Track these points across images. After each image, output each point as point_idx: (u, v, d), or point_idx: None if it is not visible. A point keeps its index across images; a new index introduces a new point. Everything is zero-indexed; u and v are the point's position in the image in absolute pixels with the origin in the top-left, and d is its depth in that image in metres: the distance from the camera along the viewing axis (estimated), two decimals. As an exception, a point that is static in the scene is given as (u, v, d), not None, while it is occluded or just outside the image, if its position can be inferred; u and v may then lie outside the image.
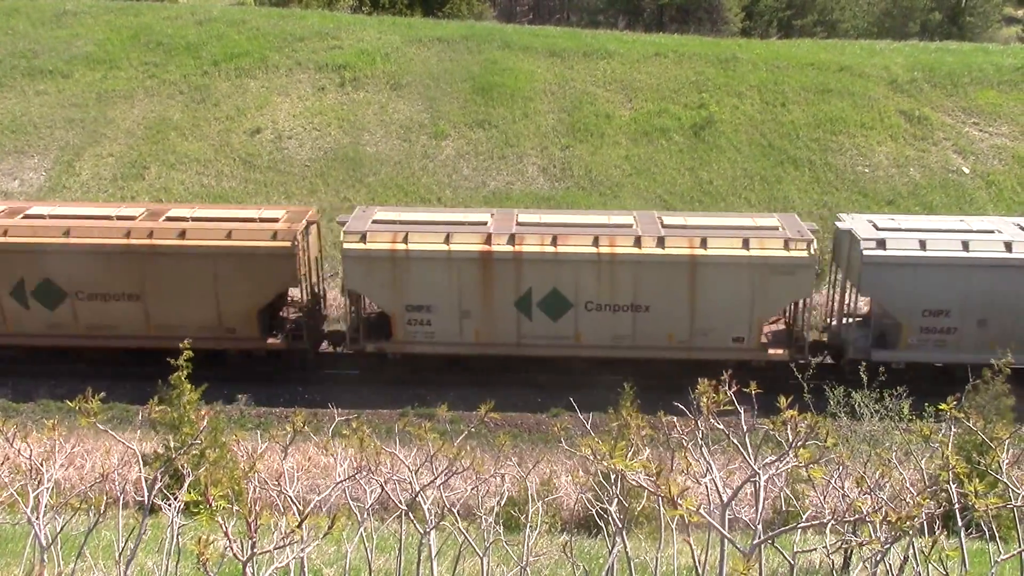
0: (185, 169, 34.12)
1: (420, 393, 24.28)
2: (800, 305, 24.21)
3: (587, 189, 33.25)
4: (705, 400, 5.94)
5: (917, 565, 7.50)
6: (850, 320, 24.51)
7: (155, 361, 18.81)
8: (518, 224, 23.84)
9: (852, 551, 11.65)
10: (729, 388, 6.06)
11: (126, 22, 41.48)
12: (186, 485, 6.79)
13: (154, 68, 38.49)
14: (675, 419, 8.88)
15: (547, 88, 37.33)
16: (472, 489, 9.78)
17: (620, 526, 7.79)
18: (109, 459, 19.55)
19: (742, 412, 6.43)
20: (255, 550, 5.36)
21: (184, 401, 15.85)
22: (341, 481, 7.66)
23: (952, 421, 7.92)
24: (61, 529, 7.84)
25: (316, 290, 25.72)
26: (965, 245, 22.72)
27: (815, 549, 10.44)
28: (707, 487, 6.63)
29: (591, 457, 7.27)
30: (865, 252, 22.66)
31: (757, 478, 5.66)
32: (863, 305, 24.77)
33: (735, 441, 5.91)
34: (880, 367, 19.53)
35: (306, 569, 7.43)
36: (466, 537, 8.13)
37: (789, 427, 5.53)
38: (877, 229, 23.42)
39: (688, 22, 54.58)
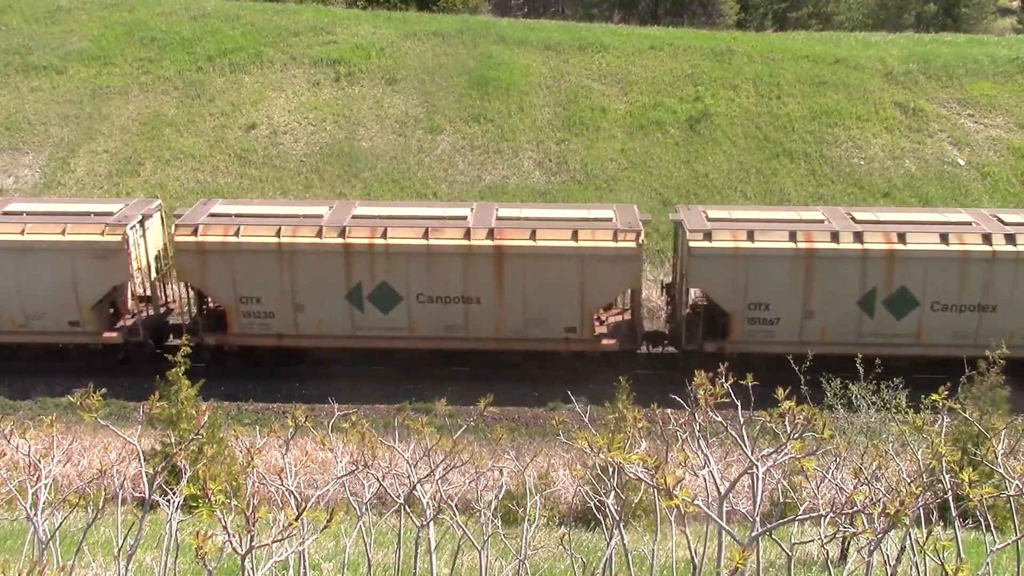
0: (180, 165, 34.08)
1: (417, 388, 24.30)
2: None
3: (583, 183, 33.25)
4: (703, 393, 5.96)
5: (914, 556, 7.54)
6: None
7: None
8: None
9: (849, 542, 11.70)
10: (725, 381, 6.08)
11: (120, 18, 41.38)
12: (184, 480, 6.80)
13: (148, 64, 38.41)
14: (670, 412, 8.91)
15: (542, 82, 37.31)
16: (470, 483, 9.81)
17: (618, 519, 7.82)
18: (107, 455, 19.58)
19: (739, 405, 6.45)
20: (253, 544, 5.38)
21: (182, 397, 15.87)
22: (341, 477, 7.68)
23: (946, 412, 7.95)
24: (60, 525, 7.85)
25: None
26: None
27: (812, 540, 10.49)
28: (705, 479, 6.66)
29: (589, 450, 7.29)
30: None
31: (754, 470, 5.69)
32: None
33: (732, 433, 5.94)
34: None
35: (305, 563, 7.45)
36: (464, 531, 8.16)
37: (787, 419, 5.55)
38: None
39: (683, 15, 54.58)
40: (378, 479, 8.31)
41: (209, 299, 24.74)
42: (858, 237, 22.79)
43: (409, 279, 23.32)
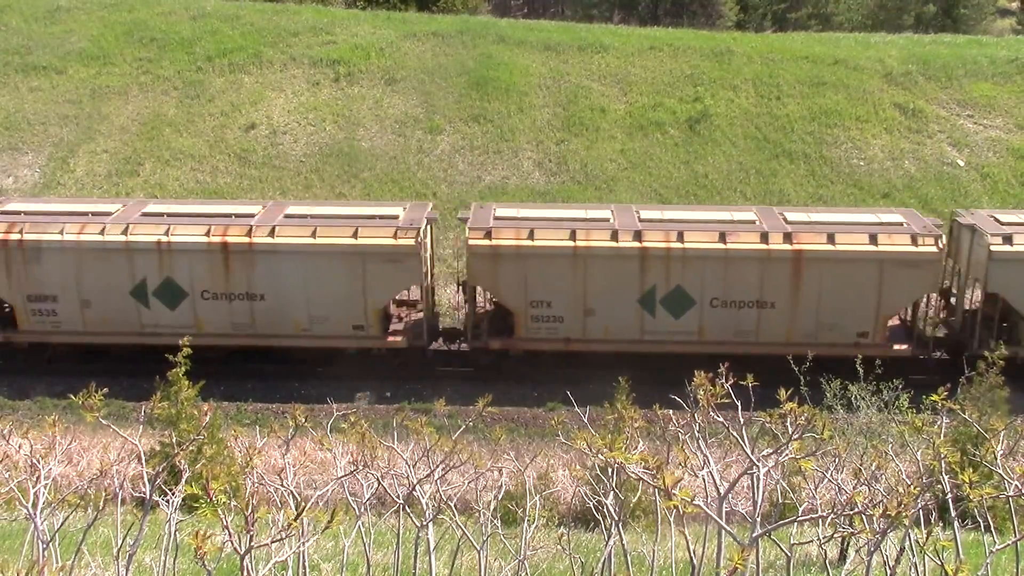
0: (180, 165, 34.08)
1: (416, 388, 24.30)
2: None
3: (583, 183, 33.27)
4: (703, 393, 5.96)
5: (913, 556, 7.54)
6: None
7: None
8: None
9: (848, 543, 11.71)
10: (726, 381, 6.08)
11: (120, 18, 41.38)
12: (184, 480, 6.80)
13: (148, 64, 38.40)
14: (670, 412, 8.91)
15: (542, 82, 37.32)
16: (470, 483, 9.81)
17: (617, 519, 7.83)
18: (107, 456, 19.58)
19: (739, 405, 6.45)
20: (253, 544, 5.38)
21: (182, 397, 15.88)
22: (340, 477, 7.68)
23: (945, 413, 7.95)
24: (60, 526, 7.85)
25: None
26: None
27: (812, 541, 10.49)
28: (704, 480, 6.66)
29: (588, 451, 7.30)
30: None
31: (755, 470, 5.69)
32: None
33: (733, 434, 5.94)
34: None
35: (304, 564, 7.45)
36: (464, 531, 8.16)
37: (788, 420, 5.55)
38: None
39: (682, 15, 54.59)
40: (378, 479, 8.31)
41: (485, 302, 24.67)
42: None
43: (704, 283, 23.10)
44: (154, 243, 23.09)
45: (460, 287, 25.72)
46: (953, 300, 25.20)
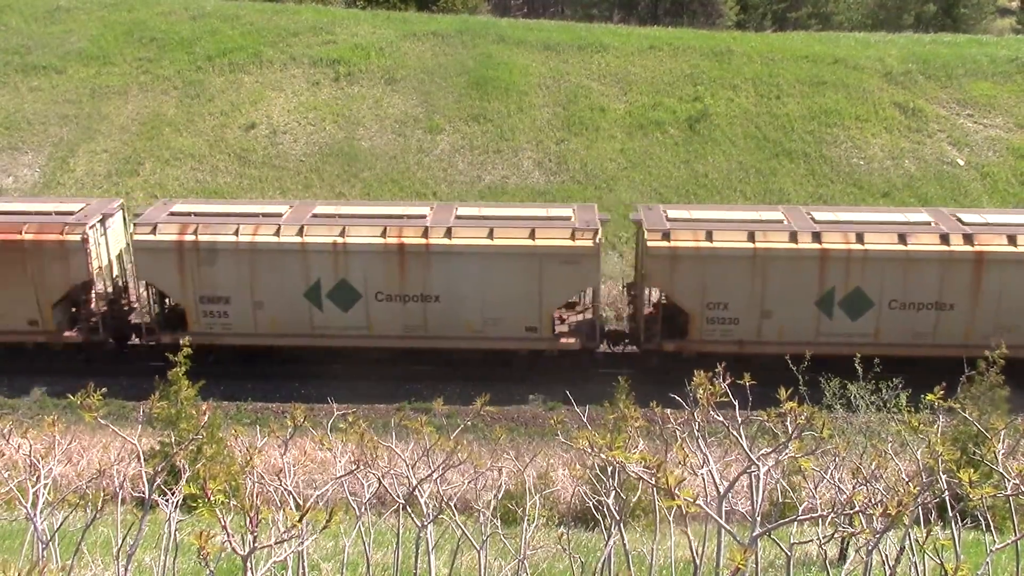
0: (180, 165, 34.07)
1: (416, 388, 24.30)
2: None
3: (582, 183, 33.26)
4: (702, 392, 5.96)
5: (913, 555, 7.54)
6: None
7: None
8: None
9: (848, 542, 11.70)
10: (724, 380, 6.08)
11: (119, 17, 41.38)
12: (183, 480, 6.80)
13: (148, 64, 38.40)
14: (669, 412, 8.91)
15: (542, 82, 37.32)
16: (469, 483, 9.82)
17: (617, 519, 7.82)
18: (107, 455, 19.57)
19: (736, 404, 6.45)
20: (256, 545, 5.38)
21: (182, 397, 15.88)
22: (340, 477, 7.68)
23: (944, 412, 7.95)
24: (60, 525, 7.85)
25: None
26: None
27: (811, 540, 10.48)
28: (704, 479, 6.66)
29: (588, 450, 7.29)
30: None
31: (754, 470, 5.69)
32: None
33: (734, 433, 5.94)
34: None
35: (304, 563, 7.45)
36: (464, 531, 8.16)
37: (788, 419, 5.55)
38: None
39: (682, 15, 54.56)
40: (378, 479, 8.31)
41: (649, 304, 24.53)
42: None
43: (884, 285, 22.93)
44: (330, 244, 22.99)
45: (627, 289, 25.70)
46: None
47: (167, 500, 7.20)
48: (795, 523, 6.82)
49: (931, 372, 17.14)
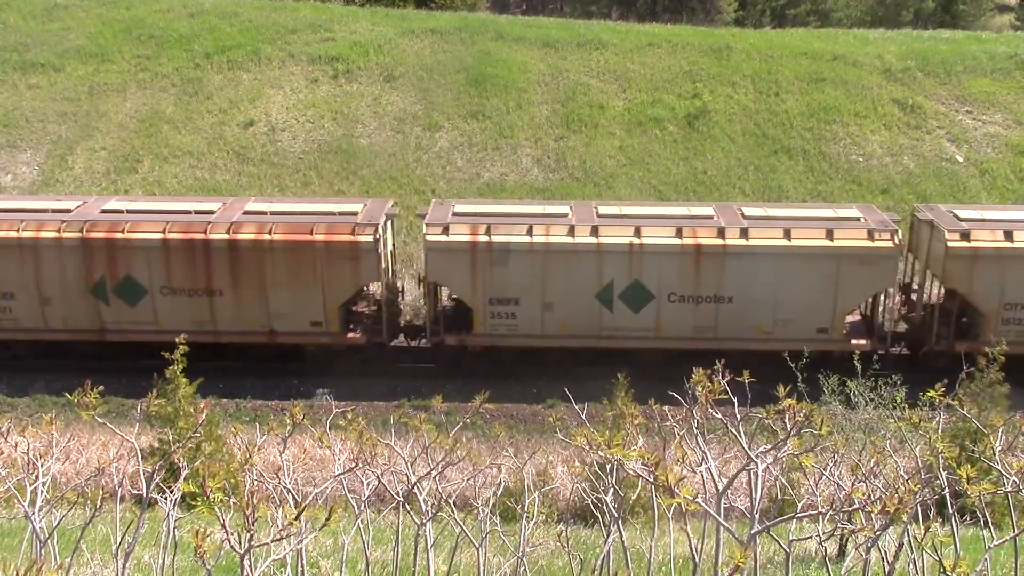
0: (178, 162, 34.04)
1: (415, 385, 24.30)
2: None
3: (581, 180, 33.24)
4: (701, 389, 5.96)
5: (912, 552, 7.55)
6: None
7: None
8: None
9: (847, 539, 11.71)
10: (723, 377, 6.08)
11: (118, 15, 41.33)
12: (182, 478, 6.80)
13: (146, 61, 38.36)
14: (667, 408, 8.91)
15: (541, 79, 37.29)
16: (468, 480, 9.81)
17: (616, 516, 7.82)
18: (105, 453, 19.57)
19: (736, 402, 6.45)
20: (253, 543, 5.38)
21: (179, 395, 15.87)
22: (339, 474, 7.68)
23: (943, 409, 7.95)
24: (58, 523, 7.85)
25: None
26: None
27: (810, 537, 10.49)
28: (703, 476, 6.66)
29: (587, 447, 7.29)
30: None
31: (753, 467, 5.68)
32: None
33: (732, 430, 5.94)
34: None
35: (303, 561, 7.45)
36: (462, 528, 8.16)
37: (787, 416, 5.55)
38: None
39: (681, 12, 54.52)
40: (377, 476, 8.31)
41: (914, 302, 24.33)
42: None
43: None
44: (625, 245, 22.78)
45: (903, 289, 25.49)
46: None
47: (166, 498, 7.20)
48: (794, 520, 6.82)
49: (930, 371, 17.21)
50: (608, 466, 8.50)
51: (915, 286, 25.10)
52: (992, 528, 8.61)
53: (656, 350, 23.69)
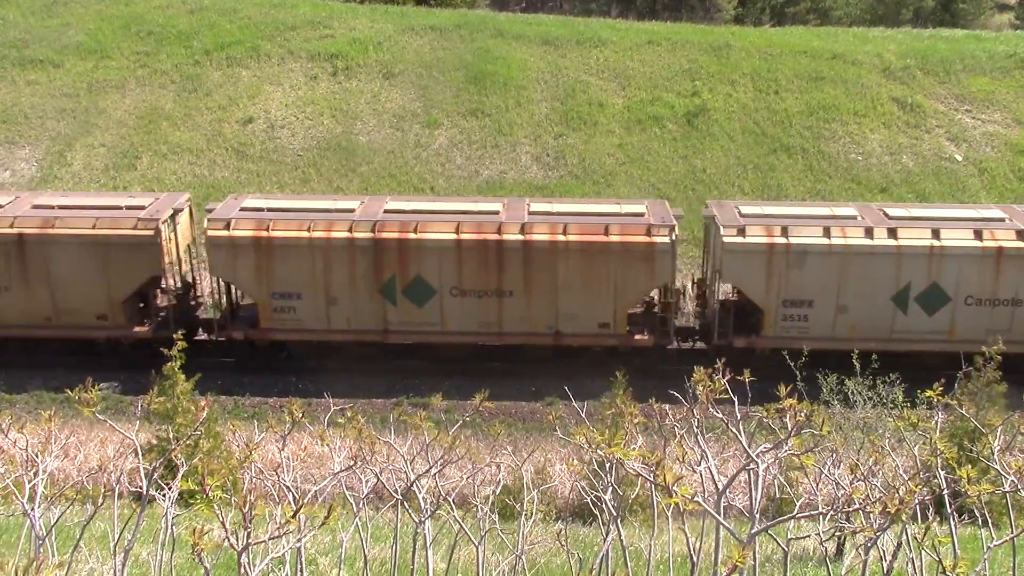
0: (177, 159, 34.02)
1: (414, 383, 24.29)
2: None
3: (580, 178, 33.24)
4: (701, 388, 5.96)
5: (910, 551, 7.55)
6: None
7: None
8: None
9: (846, 538, 11.72)
10: (723, 376, 6.08)
11: (117, 11, 41.28)
12: (180, 475, 6.79)
13: (145, 57, 38.32)
14: (667, 407, 8.91)
15: (540, 77, 37.27)
16: (467, 478, 9.81)
17: (615, 514, 7.82)
18: (104, 450, 19.57)
19: (735, 400, 6.45)
20: (251, 541, 5.37)
21: (178, 391, 15.85)
22: (338, 472, 7.67)
23: (941, 408, 7.95)
24: (57, 520, 7.84)
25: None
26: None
27: (809, 536, 10.49)
28: (702, 475, 6.66)
29: (586, 446, 7.29)
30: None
31: (753, 466, 5.68)
32: None
33: (732, 429, 5.93)
34: None
35: (302, 559, 7.44)
36: (461, 526, 8.16)
37: (787, 415, 5.55)
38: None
39: (681, 10, 54.51)
40: (376, 474, 8.31)
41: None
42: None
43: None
44: (925, 247, 22.59)
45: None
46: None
47: (164, 495, 7.20)
48: (793, 519, 6.82)
49: (925, 369, 17.17)
50: (607, 464, 8.50)
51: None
52: (991, 528, 8.61)
53: (950, 353, 22.91)
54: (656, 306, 24.81)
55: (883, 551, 7.56)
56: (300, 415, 7.45)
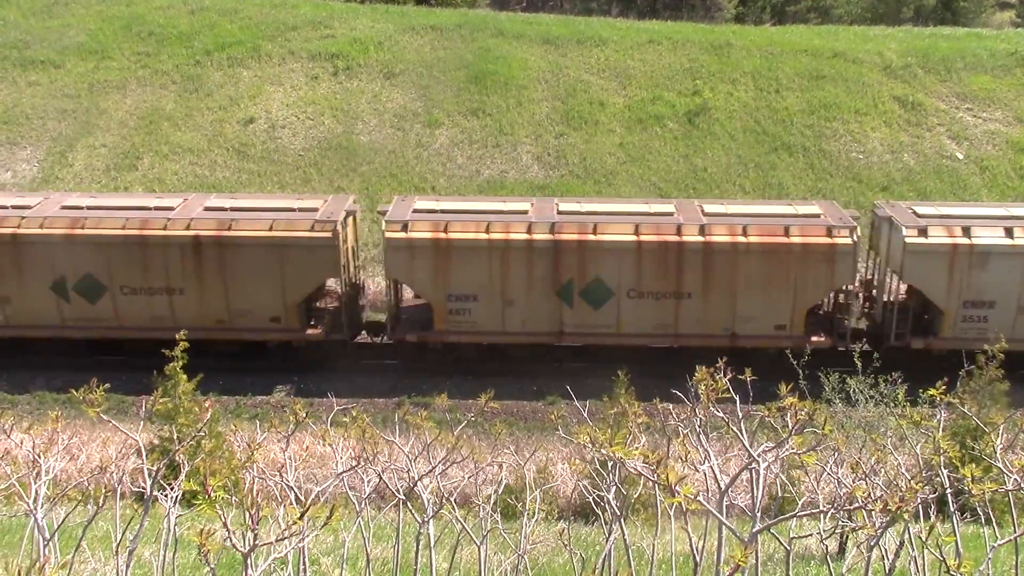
0: (178, 159, 34.03)
1: (417, 383, 24.29)
2: None
3: (581, 177, 33.23)
4: (703, 387, 5.96)
5: (913, 550, 7.55)
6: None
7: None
8: None
9: (848, 537, 11.72)
10: (725, 375, 6.07)
11: (118, 12, 41.30)
12: (183, 475, 6.79)
13: (146, 58, 38.33)
14: (670, 406, 8.90)
15: (541, 76, 37.26)
16: (470, 478, 9.81)
17: (617, 513, 7.82)
18: (107, 450, 19.58)
19: (738, 400, 6.45)
20: (256, 542, 5.38)
21: (179, 391, 15.85)
22: (341, 473, 7.68)
23: (944, 406, 7.94)
24: (61, 522, 7.85)
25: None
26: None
27: (811, 535, 10.49)
28: (704, 474, 6.66)
29: (588, 445, 7.29)
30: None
31: (755, 465, 5.68)
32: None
33: (734, 429, 5.93)
34: None
35: (305, 559, 7.45)
36: (463, 526, 8.16)
37: (788, 414, 5.55)
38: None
39: (681, 9, 54.49)
40: (378, 474, 8.31)
41: None
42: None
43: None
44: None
45: None
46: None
47: (166, 495, 7.20)
48: (794, 517, 6.82)
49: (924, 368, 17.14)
50: (609, 464, 8.50)
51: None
52: (994, 526, 8.61)
53: None
54: (824, 308, 24.70)
55: (885, 550, 7.56)
56: (304, 415, 7.45)
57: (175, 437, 13.96)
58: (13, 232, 23.19)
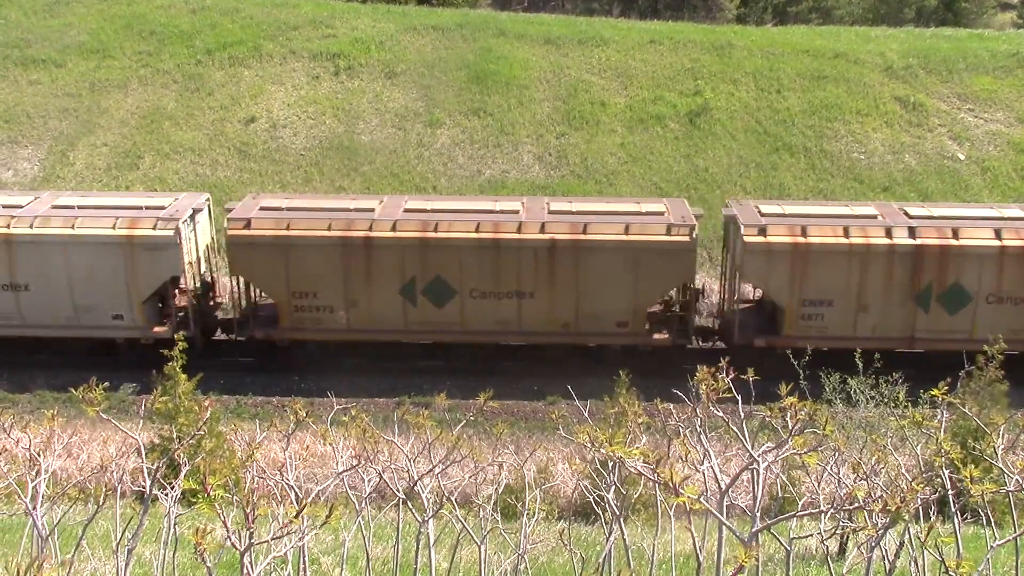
0: (180, 159, 34.03)
1: (417, 382, 24.29)
2: None
3: (583, 177, 33.22)
4: (704, 387, 5.95)
5: (913, 550, 7.54)
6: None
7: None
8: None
9: (848, 537, 11.71)
10: (727, 375, 6.07)
11: (119, 11, 41.29)
12: (183, 474, 6.80)
13: (148, 57, 38.33)
14: (671, 406, 8.90)
15: (542, 76, 37.25)
16: (470, 477, 9.81)
17: (617, 513, 7.82)
18: (106, 449, 19.58)
19: (739, 400, 6.44)
20: (253, 540, 5.37)
21: (179, 391, 15.86)
22: (341, 472, 7.67)
23: (945, 407, 7.94)
24: (60, 520, 7.85)
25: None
26: None
27: (811, 535, 10.48)
28: (705, 474, 6.65)
29: (588, 445, 7.28)
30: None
31: (755, 465, 5.68)
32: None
33: (734, 429, 5.93)
34: None
35: (305, 558, 7.45)
36: (464, 525, 8.16)
37: (788, 415, 5.54)
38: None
39: (683, 9, 54.46)
40: (378, 473, 8.31)
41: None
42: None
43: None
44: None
45: None
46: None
47: (166, 494, 7.20)
48: (795, 518, 6.81)
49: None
50: (610, 463, 8.49)
51: None
52: (994, 527, 8.60)
53: None
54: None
55: (885, 550, 7.55)
56: (304, 415, 7.45)
57: (175, 436, 13.97)
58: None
